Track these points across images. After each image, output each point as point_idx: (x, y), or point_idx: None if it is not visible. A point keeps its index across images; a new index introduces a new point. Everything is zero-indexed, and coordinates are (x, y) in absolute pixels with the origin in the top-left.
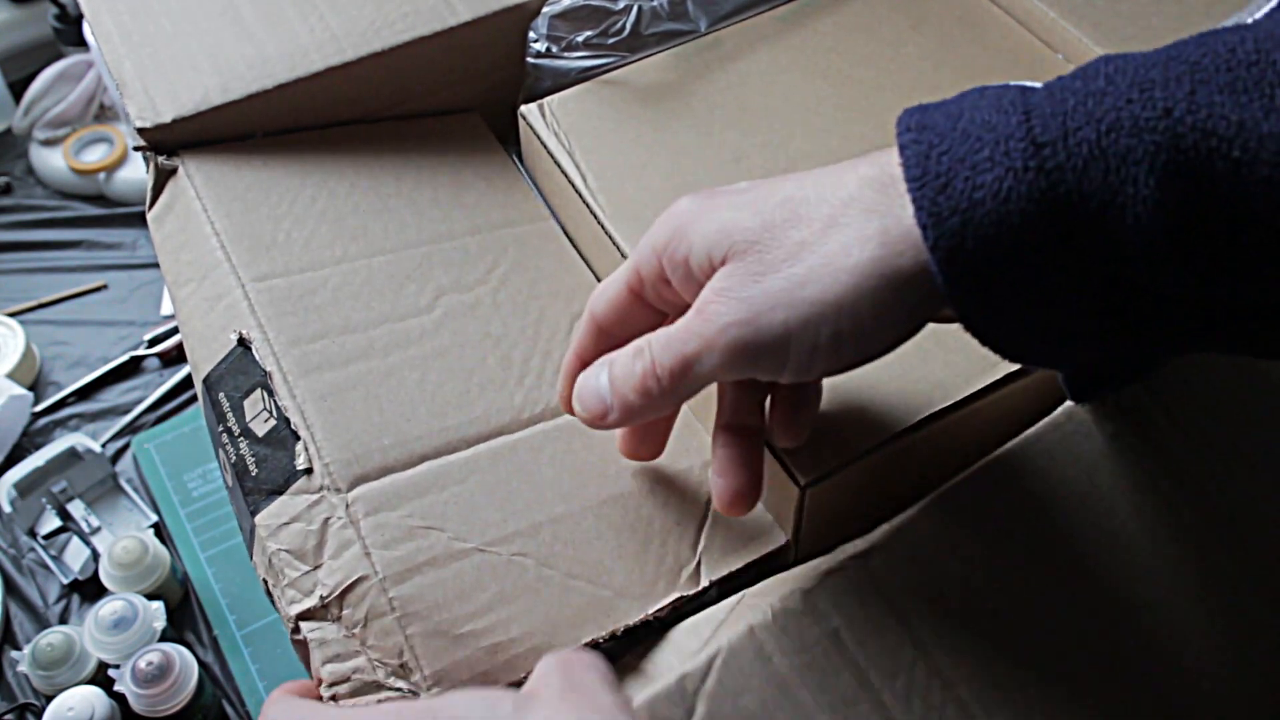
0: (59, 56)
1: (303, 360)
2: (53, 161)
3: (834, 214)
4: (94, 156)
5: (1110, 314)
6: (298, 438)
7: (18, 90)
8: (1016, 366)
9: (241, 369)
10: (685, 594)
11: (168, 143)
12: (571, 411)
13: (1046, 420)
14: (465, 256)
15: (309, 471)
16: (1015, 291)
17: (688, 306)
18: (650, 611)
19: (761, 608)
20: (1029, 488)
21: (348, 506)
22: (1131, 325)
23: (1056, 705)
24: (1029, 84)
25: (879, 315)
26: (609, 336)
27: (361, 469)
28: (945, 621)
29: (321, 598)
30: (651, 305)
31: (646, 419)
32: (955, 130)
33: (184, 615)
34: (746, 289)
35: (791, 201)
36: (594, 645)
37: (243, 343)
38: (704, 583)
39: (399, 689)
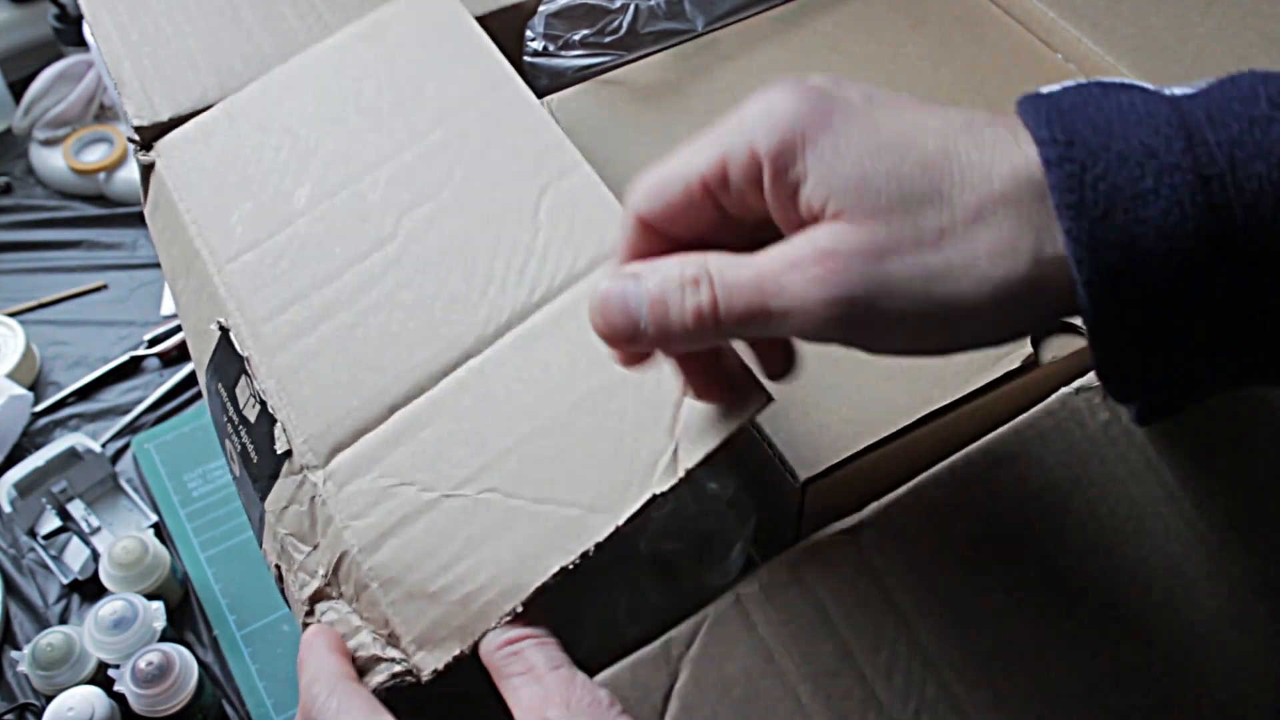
0: (59, 56)
1: (273, 336)
2: (53, 161)
3: (983, 206)
4: (94, 156)
5: (1258, 358)
6: (275, 420)
7: (18, 90)
8: (1015, 366)
9: (228, 358)
10: (659, 491)
11: None
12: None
13: (1040, 406)
14: (426, 160)
15: (289, 453)
16: (1165, 333)
17: (765, 219)
18: (621, 522)
19: (750, 579)
20: (1020, 472)
21: (324, 482)
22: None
23: (1036, 685)
24: (1174, 91)
25: (1001, 328)
26: (659, 238)
27: (336, 437)
28: (930, 599)
29: (324, 576)
30: (722, 206)
31: (678, 353)
32: (1110, 151)
33: (184, 615)
34: (870, 265)
35: (934, 171)
36: (564, 571)
37: (223, 330)
38: (680, 473)
39: (393, 658)
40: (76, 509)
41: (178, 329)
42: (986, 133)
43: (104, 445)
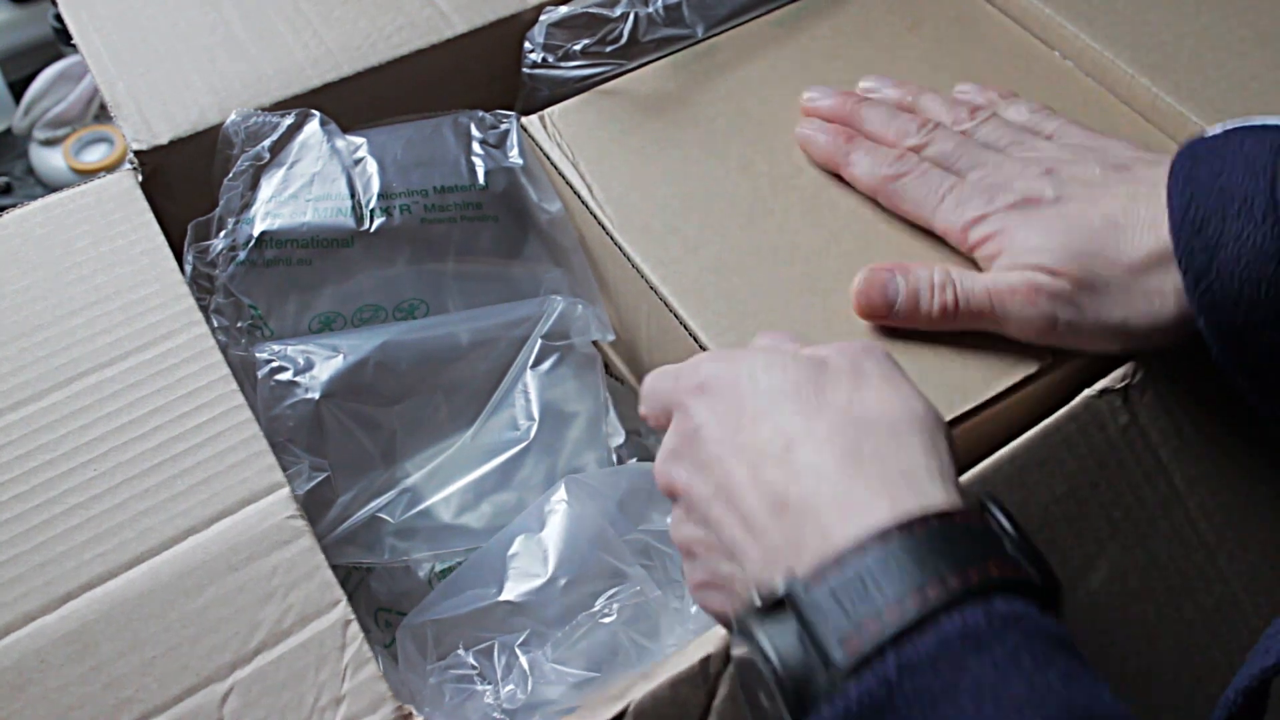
0: (59, 56)
1: None
2: (53, 161)
3: (1144, 262)
4: (94, 156)
5: None
6: None
7: (18, 90)
8: (1034, 370)
9: None
10: None
11: (166, 165)
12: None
13: (1064, 410)
14: None
15: None
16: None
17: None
18: None
19: None
20: (1045, 477)
21: None
22: None
23: None
24: None
25: (1163, 341)
26: None
27: None
28: None
29: None
30: None
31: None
32: (1213, 197)
33: None
34: (1064, 300)
35: (1102, 239)
36: None
37: None
38: None
39: None
40: None
41: None
42: (1142, 210)
43: None
